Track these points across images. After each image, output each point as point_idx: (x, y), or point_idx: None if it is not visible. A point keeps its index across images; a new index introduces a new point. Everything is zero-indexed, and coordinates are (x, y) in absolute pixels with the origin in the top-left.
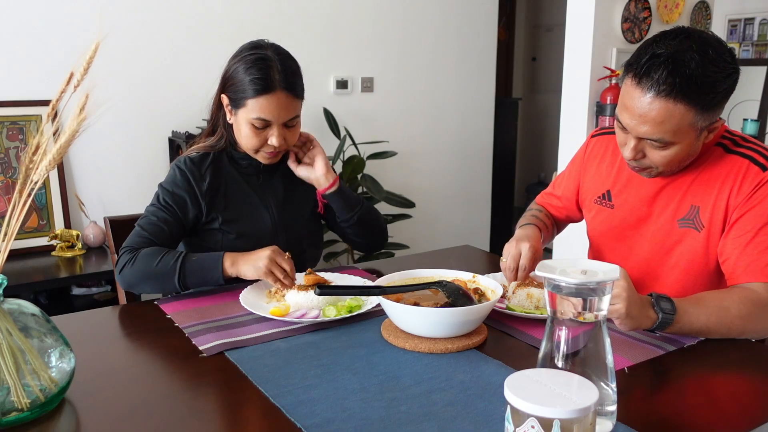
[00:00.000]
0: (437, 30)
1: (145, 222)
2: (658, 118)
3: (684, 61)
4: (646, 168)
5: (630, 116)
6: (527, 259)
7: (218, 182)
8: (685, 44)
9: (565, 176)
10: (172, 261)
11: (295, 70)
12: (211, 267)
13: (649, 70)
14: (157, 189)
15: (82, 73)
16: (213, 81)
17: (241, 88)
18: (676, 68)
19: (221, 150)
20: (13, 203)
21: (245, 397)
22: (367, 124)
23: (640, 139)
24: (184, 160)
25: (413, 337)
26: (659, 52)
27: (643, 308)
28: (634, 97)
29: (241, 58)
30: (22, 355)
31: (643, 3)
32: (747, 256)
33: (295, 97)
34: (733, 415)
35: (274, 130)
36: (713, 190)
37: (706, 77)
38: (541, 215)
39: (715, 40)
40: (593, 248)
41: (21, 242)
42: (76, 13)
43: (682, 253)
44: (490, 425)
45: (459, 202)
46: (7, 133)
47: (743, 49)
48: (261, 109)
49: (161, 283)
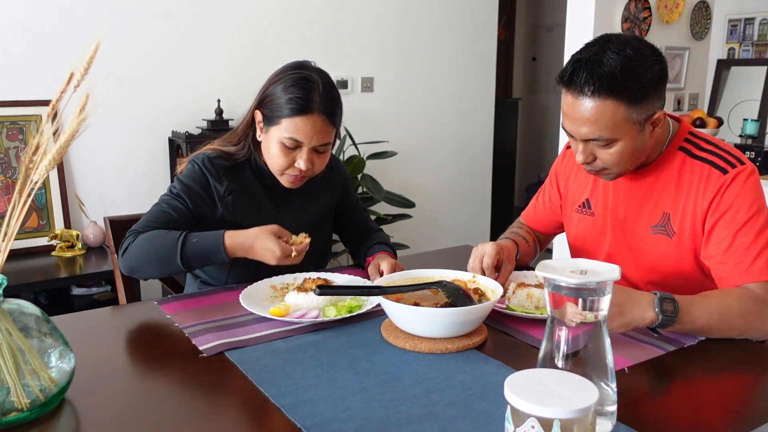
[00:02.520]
0: (437, 30)
1: (156, 209)
2: (592, 117)
3: (602, 61)
4: (601, 170)
5: (570, 122)
6: (491, 258)
7: (237, 188)
8: (603, 47)
9: (546, 188)
10: (173, 242)
11: (336, 98)
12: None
13: (572, 75)
14: (174, 181)
15: (82, 73)
16: (213, 81)
17: (278, 106)
18: (594, 68)
19: (242, 159)
20: (13, 203)
21: (245, 397)
22: (367, 124)
23: (586, 142)
24: (203, 159)
25: (413, 337)
26: (580, 58)
27: (634, 308)
28: (568, 103)
29: (283, 76)
30: (22, 355)
31: (643, 3)
32: (730, 260)
33: (331, 123)
34: (733, 415)
35: (303, 153)
36: (680, 197)
37: (626, 71)
38: (521, 231)
39: (634, 38)
40: (574, 256)
41: (21, 242)
42: (76, 13)
43: (657, 260)
44: (490, 425)
45: (459, 202)
46: (7, 133)
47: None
48: (295, 129)
49: (163, 264)
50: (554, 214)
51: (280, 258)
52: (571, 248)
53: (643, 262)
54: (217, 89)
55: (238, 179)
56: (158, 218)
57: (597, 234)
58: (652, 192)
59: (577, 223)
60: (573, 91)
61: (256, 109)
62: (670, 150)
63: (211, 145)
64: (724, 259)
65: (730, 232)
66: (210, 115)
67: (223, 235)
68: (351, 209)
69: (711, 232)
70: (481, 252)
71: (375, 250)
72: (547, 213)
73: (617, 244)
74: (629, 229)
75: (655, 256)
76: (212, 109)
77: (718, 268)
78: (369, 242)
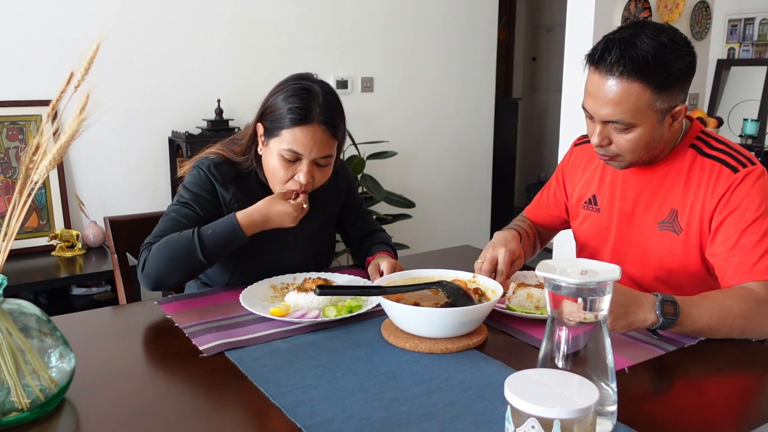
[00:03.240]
0: (437, 30)
1: (166, 219)
2: (617, 98)
3: (635, 43)
4: (614, 156)
5: (593, 102)
6: (504, 264)
7: (243, 194)
8: (638, 31)
9: (552, 185)
10: (189, 242)
11: (338, 108)
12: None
13: (603, 54)
14: (180, 189)
15: (82, 73)
16: (213, 81)
17: (279, 117)
18: (627, 49)
19: (247, 170)
20: (13, 203)
21: (245, 397)
22: (367, 124)
23: (604, 124)
24: (209, 165)
25: (413, 337)
26: (613, 37)
27: (635, 310)
28: (594, 82)
29: (284, 87)
30: (22, 355)
31: (643, 3)
32: (734, 257)
33: (332, 135)
34: (733, 415)
35: (303, 166)
36: (689, 194)
37: (659, 57)
38: (524, 225)
39: (669, 27)
40: (579, 253)
41: (21, 242)
42: (76, 13)
43: (662, 256)
44: (490, 425)
45: (459, 202)
46: (7, 133)
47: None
48: (294, 141)
49: (185, 265)
50: (557, 210)
51: (297, 217)
52: (577, 245)
53: (648, 258)
54: (217, 89)
55: (243, 188)
56: (170, 228)
57: (602, 230)
58: (661, 188)
59: (583, 219)
60: (601, 70)
61: (258, 122)
62: (682, 147)
63: (214, 148)
64: (728, 257)
65: (737, 231)
66: (210, 115)
67: (235, 217)
68: (355, 212)
69: (717, 229)
70: (494, 255)
71: (375, 250)
72: (551, 209)
73: (622, 239)
74: (635, 224)
75: (660, 253)
76: (212, 109)
77: (722, 265)
78: (370, 242)
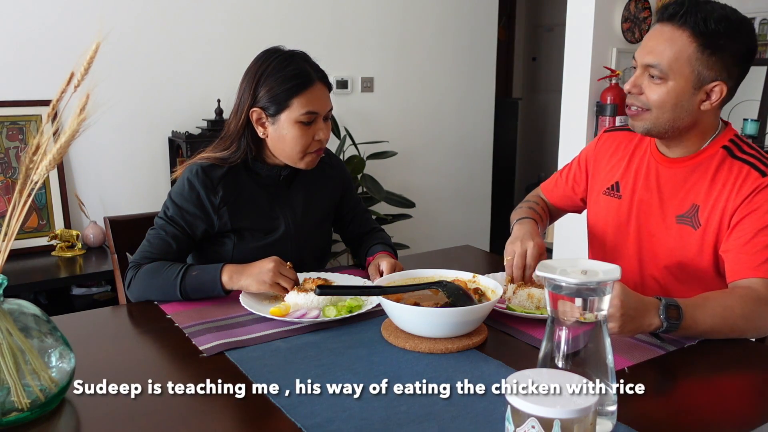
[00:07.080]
0: (437, 30)
1: (153, 236)
2: (663, 42)
3: (705, 6)
4: (639, 111)
5: (642, 48)
6: (533, 258)
7: (233, 193)
8: (713, 2)
9: (572, 168)
10: (173, 277)
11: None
12: (210, 282)
13: (672, 7)
14: (167, 199)
15: (82, 73)
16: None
17: (280, 93)
18: (694, 5)
19: (235, 163)
20: (13, 203)
21: (245, 397)
22: (367, 124)
23: (644, 70)
24: (197, 171)
25: (413, 337)
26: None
27: (643, 315)
28: (652, 31)
29: (266, 67)
30: (22, 355)
31: (643, 3)
32: (744, 254)
33: (328, 87)
34: (733, 414)
35: (320, 124)
36: (714, 191)
37: (720, 22)
38: (537, 207)
39: (745, 18)
40: (592, 240)
41: (21, 242)
42: (76, 13)
43: (676, 249)
44: (490, 425)
45: (459, 202)
46: (7, 133)
47: None
48: (308, 103)
49: (165, 296)
50: (573, 192)
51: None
52: (590, 232)
53: (662, 249)
54: (217, 89)
55: (233, 185)
56: (156, 248)
57: (620, 218)
58: (686, 182)
59: (603, 205)
60: (663, 20)
61: (251, 109)
62: (713, 146)
63: (203, 153)
64: (739, 252)
65: (753, 230)
66: (210, 115)
67: (220, 272)
68: (352, 209)
69: (735, 227)
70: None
71: (375, 250)
72: (568, 191)
73: (638, 229)
74: (653, 214)
75: (674, 245)
76: (212, 109)
77: (732, 259)
78: (369, 242)
